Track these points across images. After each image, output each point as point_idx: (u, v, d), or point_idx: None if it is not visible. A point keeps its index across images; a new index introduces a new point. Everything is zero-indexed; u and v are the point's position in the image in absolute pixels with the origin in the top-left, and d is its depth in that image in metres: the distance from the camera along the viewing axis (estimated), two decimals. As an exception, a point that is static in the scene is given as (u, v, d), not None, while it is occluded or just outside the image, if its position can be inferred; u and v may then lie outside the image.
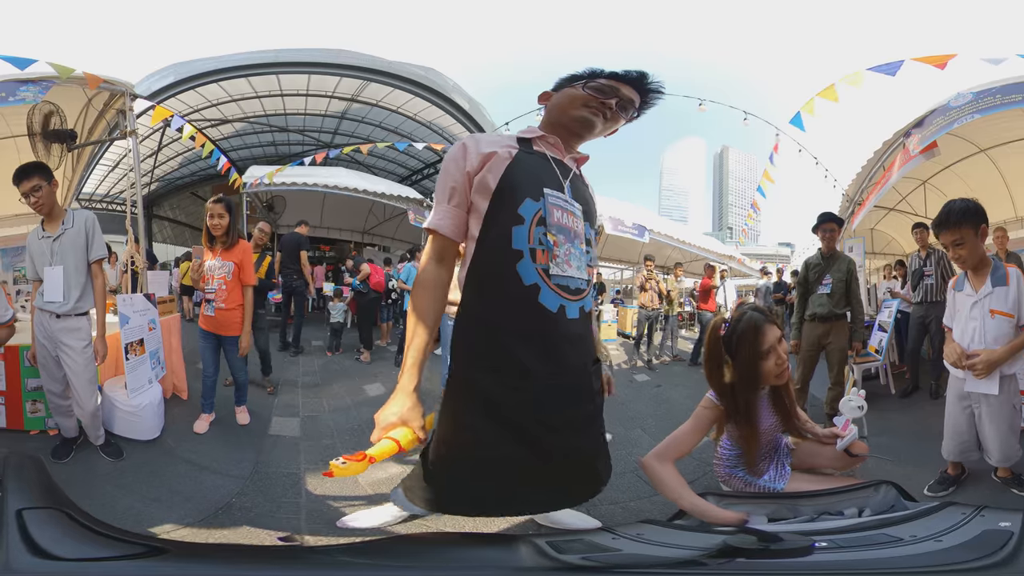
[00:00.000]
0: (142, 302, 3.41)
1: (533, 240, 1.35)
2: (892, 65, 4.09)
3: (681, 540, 1.10)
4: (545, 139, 1.49)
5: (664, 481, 1.78)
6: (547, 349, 1.37)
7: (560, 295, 1.38)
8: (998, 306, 2.31)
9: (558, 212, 1.40)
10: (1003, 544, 0.80)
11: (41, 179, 2.62)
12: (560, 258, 1.38)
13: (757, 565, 0.84)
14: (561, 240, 1.39)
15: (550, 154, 1.49)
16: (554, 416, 1.39)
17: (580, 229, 1.47)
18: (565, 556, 0.84)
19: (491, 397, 1.35)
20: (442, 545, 1.00)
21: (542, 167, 1.44)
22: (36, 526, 0.68)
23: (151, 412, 3.20)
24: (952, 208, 2.37)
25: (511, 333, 1.35)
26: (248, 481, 2.68)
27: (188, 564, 0.74)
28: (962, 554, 0.86)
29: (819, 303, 3.90)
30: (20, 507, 0.70)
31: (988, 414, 2.33)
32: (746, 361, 1.87)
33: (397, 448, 1.23)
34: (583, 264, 1.46)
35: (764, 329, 1.85)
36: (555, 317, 1.36)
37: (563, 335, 1.39)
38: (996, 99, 4.17)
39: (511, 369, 1.35)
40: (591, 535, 1.14)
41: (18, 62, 3.52)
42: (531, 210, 1.36)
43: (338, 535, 2.16)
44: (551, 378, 1.38)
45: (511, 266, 1.34)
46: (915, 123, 5.10)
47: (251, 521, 2.26)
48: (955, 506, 1.16)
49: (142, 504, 2.38)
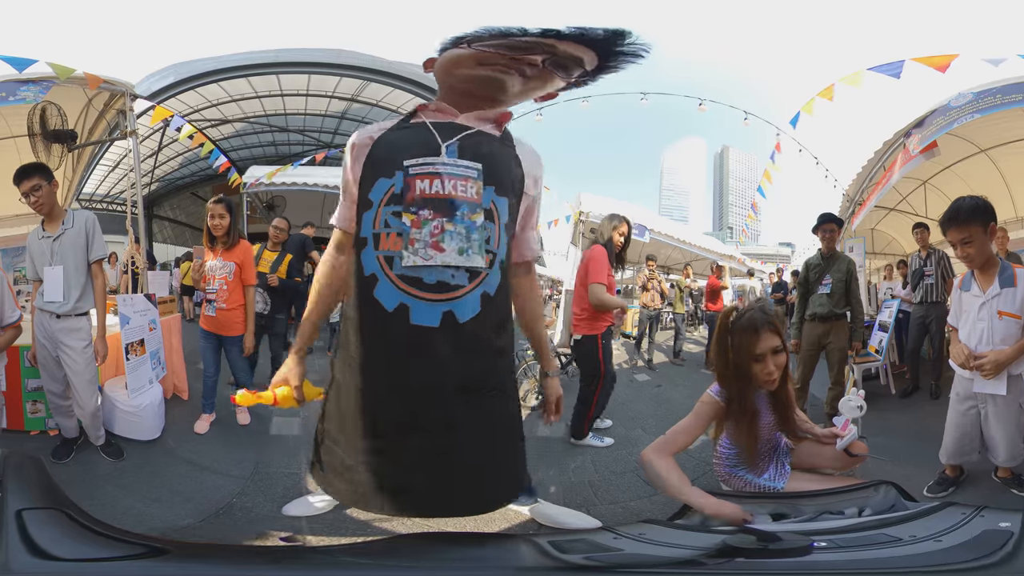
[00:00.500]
0: (142, 302, 3.41)
1: (379, 224, 1.17)
2: (892, 65, 4.09)
3: (682, 540, 1.10)
4: (425, 108, 1.29)
5: (662, 475, 1.77)
6: (384, 355, 1.18)
7: (402, 290, 1.13)
8: (1006, 307, 2.28)
9: (423, 182, 1.16)
10: (1003, 544, 0.80)
11: (41, 179, 2.62)
12: (420, 241, 1.13)
13: (757, 565, 0.84)
14: (426, 216, 1.14)
15: (431, 120, 1.25)
16: (389, 433, 1.20)
17: (471, 194, 1.18)
18: (567, 556, 0.84)
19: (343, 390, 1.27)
20: (444, 544, 1.00)
21: (411, 137, 1.23)
22: (36, 526, 0.68)
23: (151, 412, 3.20)
24: (962, 205, 2.32)
25: (355, 330, 1.21)
26: (249, 481, 2.68)
27: (189, 564, 0.74)
28: (962, 554, 0.86)
29: (819, 303, 3.90)
30: (20, 507, 0.70)
31: (995, 414, 2.31)
32: (738, 355, 1.88)
33: (273, 400, 1.43)
34: (474, 244, 1.16)
35: (761, 334, 1.84)
36: (390, 318, 1.14)
37: (401, 343, 1.15)
38: (996, 99, 4.17)
39: (355, 367, 1.22)
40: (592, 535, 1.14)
41: (18, 62, 3.52)
42: (382, 189, 1.18)
43: (340, 535, 2.16)
44: (387, 391, 1.19)
45: (358, 256, 1.21)
46: (915, 123, 5.10)
47: (252, 521, 2.26)
48: (955, 506, 1.16)
49: (143, 504, 2.39)
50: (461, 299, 1.15)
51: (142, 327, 3.32)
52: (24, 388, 3.13)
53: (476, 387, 1.22)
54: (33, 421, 3.16)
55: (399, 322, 1.13)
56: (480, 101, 1.26)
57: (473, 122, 1.27)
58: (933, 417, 2.68)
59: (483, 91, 1.23)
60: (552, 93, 1.29)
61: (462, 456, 1.23)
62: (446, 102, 1.27)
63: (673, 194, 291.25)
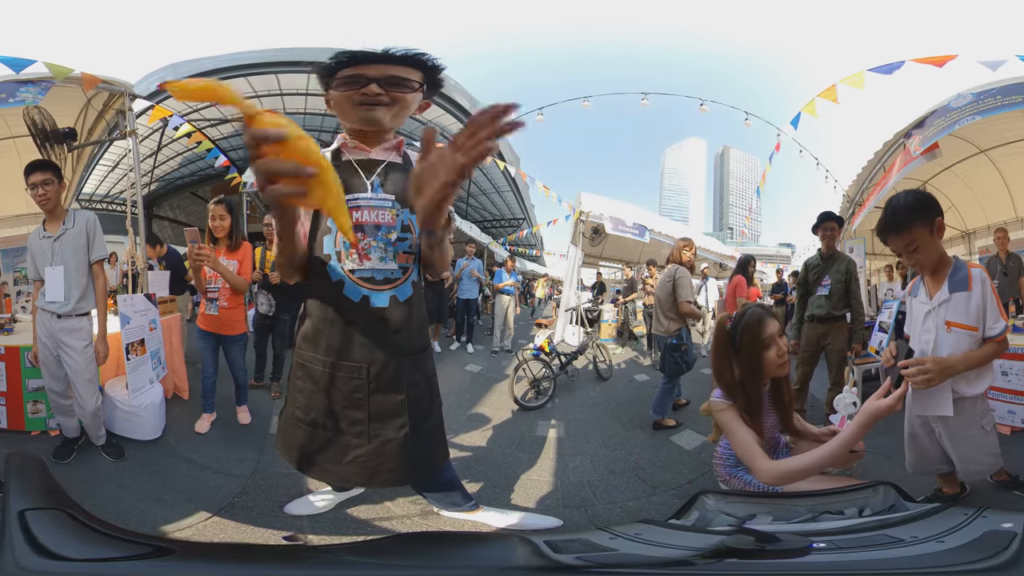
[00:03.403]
0: (143, 302, 3.41)
1: (338, 244, 1.56)
2: (893, 66, 4.09)
3: (679, 540, 1.10)
4: (346, 146, 1.61)
5: (794, 468, 1.71)
6: (350, 334, 1.56)
7: (362, 286, 1.55)
8: (956, 317, 1.87)
9: (356, 213, 1.55)
10: (1006, 545, 0.80)
11: (53, 175, 2.64)
12: (357, 254, 1.55)
13: (755, 565, 0.84)
14: (360, 236, 1.54)
15: (355, 157, 1.60)
16: (352, 398, 1.58)
17: (389, 220, 1.57)
18: (562, 556, 0.84)
19: (310, 372, 1.61)
20: (444, 544, 1.00)
21: (347, 176, 1.52)
22: (39, 527, 0.68)
23: (152, 412, 3.20)
24: (897, 206, 1.89)
25: (323, 320, 1.58)
26: (250, 480, 2.69)
27: (194, 564, 0.74)
28: (964, 555, 0.86)
29: (817, 304, 3.89)
30: (23, 508, 0.70)
31: (949, 436, 2.00)
32: (749, 350, 1.89)
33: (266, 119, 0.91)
34: (389, 254, 1.57)
35: (765, 320, 1.89)
36: (357, 306, 1.55)
37: (368, 320, 1.56)
38: (996, 100, 4.18)
39: (319, 349, 1.59)
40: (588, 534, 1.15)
41: (16, 63, 3.51)
42: None
43: (341, 534, 2.17)
44: (350, 360, 1.57)
45: (322, 268, 1.57)
46: (915, 124, 5.11)
47: (253, 521, 2.26)
48: (956, 507, 1.17)
49: (144, 504, 2.39)
50: (399, 287, 1.60)
51: (142, 327, 3.32)
52: (25, 388, 3.13)
53: (420, 347, 1.69)
54: (34, 421, 3.16)
55: (363, 307, 1.55)
56: (374, 135, 1.59)
57: (382, 154, 1.62)
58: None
59: (369, 127, 1.54)
60: (424, 104, 1.63)
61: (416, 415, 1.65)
62: (353, 137, 1.60)
63: (674, 194, 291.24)
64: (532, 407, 4.37)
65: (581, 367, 5.74)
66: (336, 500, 2.37)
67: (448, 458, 1.92)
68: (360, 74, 1.42)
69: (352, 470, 1.61)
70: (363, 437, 1.60)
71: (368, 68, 1.41)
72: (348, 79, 1.43)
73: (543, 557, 0.82)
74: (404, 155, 1.68)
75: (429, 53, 1.41)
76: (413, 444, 1.64)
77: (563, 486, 2.84)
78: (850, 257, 4.07)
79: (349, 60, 1.41)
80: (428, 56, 1.42)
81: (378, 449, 1.60)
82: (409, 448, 1.63)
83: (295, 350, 1.68)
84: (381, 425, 1.59)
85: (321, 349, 1.59)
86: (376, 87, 1.42)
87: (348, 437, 1.60)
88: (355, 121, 1.53)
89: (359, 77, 1.42)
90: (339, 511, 2.35)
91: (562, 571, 0.81)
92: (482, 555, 0.89)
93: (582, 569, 0.82)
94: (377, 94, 1.43)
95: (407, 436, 1.62)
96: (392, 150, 1.64)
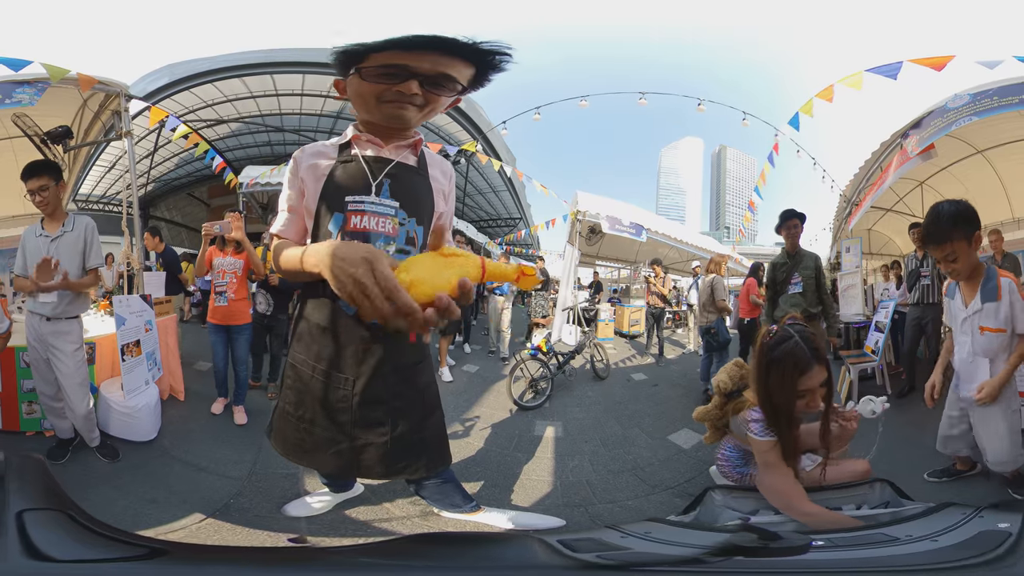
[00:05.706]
0: (138, 303, 3.40)
1: None
2: (890, 67, 4.11)
3: (687, 539, 1.12)
4: (358, 138, 1.49)
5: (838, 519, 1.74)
6: (341, 345, 1.52)
7: None
8: (988, 323, 2.22)
9: (356, 218, 1.44)
10: (998, 544, 0.81)
11: (50, 179, 2.61)
12: None
13: (758, 563, 0.85)
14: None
15: (366, 154, 1.48)
16: (337, 407, 1.54)
17: (391, 230, 1.46)
18: (579, 555, 0.84)
19: (300, 374, 1.58)
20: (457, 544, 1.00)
21: (352, 175, 1.46)
22: (37, 528, 0.67)
23: (147, 413, 3.19)
24: (940, 217, 2.14)
25: (317, 326, 1.53)
26: (246, 482, 2.68)
27: (189, 565, 0.73)
28: (955, 553, 0.88)
29: (793, 303, 3.85)
30: (21, 508, 0.70)
31: (980, 418, 2.29)
32: (777, 392, 1.79)
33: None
34: None
35: (808, 370, 1.74)
36: (350, 318, 1.49)
37: (360, 332, 1.51)
38: (993, 101, 4.20)
39: (310, 353, 1.55)
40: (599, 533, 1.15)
41: (12, 63, 3.50)
42: (337, 223, 1.45)
43: (339, 536, 2.16)
44: (337, 371, 1.53)
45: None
46: (912, 124, 5.12)
47: (249, 523, 2.25)
48: (955, 507, 1.18)
49: (139, 505, 2.38)
50: None
51: (138, 328, 3.31)
52: (20, 389, 3.12)
53: (413, 360, 1.63)
54: (29, 422, 3.15)
55: (356, 319, 1.49)
56: (393, 132, 1.46)
57: (395, 152, 1.49)
58: (929, 418, 2.68)
59: (391, 124, 1.40)
60: (455, 101, 1.41)
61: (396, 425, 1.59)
62: (367, 129, 1.48)
63: (670, 193, 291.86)
64: (530, 407, 4.37)
65: (579, 366, 5.75)
66: (334, 501, 2.36)
67: (445, 466, 1.83)
68: (405, 66, 1.17)
69: (335, 460, 1.60)
70: (345, 435, 1.58)
71: (422, 60, 1.16)
72: (387, 70, 1.19)
73: (561, 556, 0.82)
74: (420, 155, 1.55)
75: (503, 44, 1.09)
76: (396, 449, 1.60)
77: (562, 485, 2.84)
78: (815, 253, 4.07)
79: (399, 44, 1.12)
80: (503, 47, 1.10)
81: (360, 448, 1.58)
82: (390, 452, 1.59)
83: (289, 347, 1.67)
84: (364, 431, 1.57)
85: (312, 354, 1.55)
86: (416, 85, 1.20)
87: (332, 433, 1.58)
88: (377, 118, 1.37)
89: (402, 70, 1.18)
90: (337, 512, 2.34)
91: (584, 569, 0.81)
92: (499, 555, 0.89)
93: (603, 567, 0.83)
94: (414, 94, 1.22)
95: (387, 443, 1.58)
96: (407, 149, 1.52)
